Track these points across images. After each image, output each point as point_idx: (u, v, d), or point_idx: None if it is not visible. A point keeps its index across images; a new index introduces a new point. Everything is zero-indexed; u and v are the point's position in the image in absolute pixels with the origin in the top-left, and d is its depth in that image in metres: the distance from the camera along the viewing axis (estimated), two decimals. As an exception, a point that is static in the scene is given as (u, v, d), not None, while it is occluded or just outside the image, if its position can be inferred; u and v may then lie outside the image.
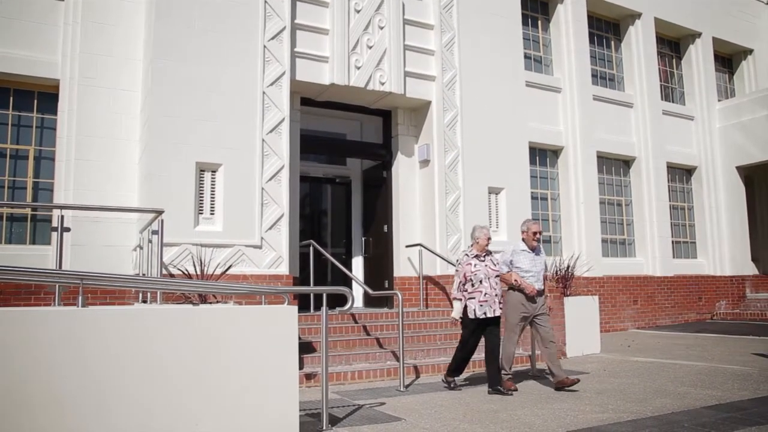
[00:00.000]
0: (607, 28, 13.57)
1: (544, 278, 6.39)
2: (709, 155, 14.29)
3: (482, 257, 6.10)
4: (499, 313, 6.00)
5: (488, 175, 9.70)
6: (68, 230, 6.13)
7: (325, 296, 4.58)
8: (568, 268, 9.15)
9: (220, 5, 7.84)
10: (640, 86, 13.27)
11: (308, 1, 8.66)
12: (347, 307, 4.85)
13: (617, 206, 13.01)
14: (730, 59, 16.03)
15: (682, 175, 14.26)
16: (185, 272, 6.85)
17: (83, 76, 8.05)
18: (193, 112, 7.52)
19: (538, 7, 12.51)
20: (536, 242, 6.31)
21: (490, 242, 6.19)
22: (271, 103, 8.00)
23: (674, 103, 14.38)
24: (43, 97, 8.19)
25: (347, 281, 9.47)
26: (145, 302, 6.51)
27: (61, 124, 8.01)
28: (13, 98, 8.05)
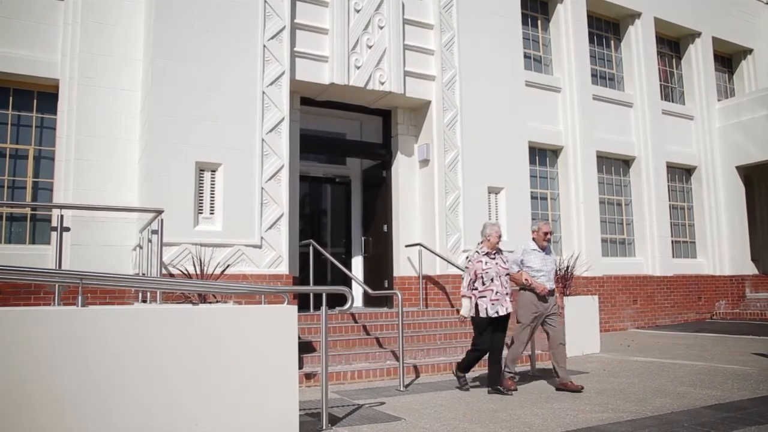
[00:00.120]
0: (606, 27, 13.58)
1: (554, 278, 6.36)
2: (708, 155, 14.30)
3: (492, 255, 6.00)
4: (511, 309, 5.95)
5: (488, 174, 9.71)
6: (68, 230, 6.13)
7: (324, 296, 4.58)
8: (567, 267, 9.15)
9: (219, 5, 7.84)
10: (639, 86, 13.27)
11: (308, 0, 8.66)
12: (347, 306, 4.85)
13: (617, 206, 13.01)
14: (729, 59, 16.03)
15: (681, 174, 14.27)
16: (185, 272, 6.85)
17: (83, 75, 8.05)
18: (192, 111, 7.52)
19: (537, 6, 12.51)
20: (546, 242, 6.24)
21: (500, 240, 6.10)
22: (270, 102, 8.00)
23: (674, 102, 14.38)
24: (42, 96, 8.19)
25: (347, 281, 9.47)
26: (144, 302, 6.51)
27: (60, 123, 8.01)
28: (12, 98, 8.05)
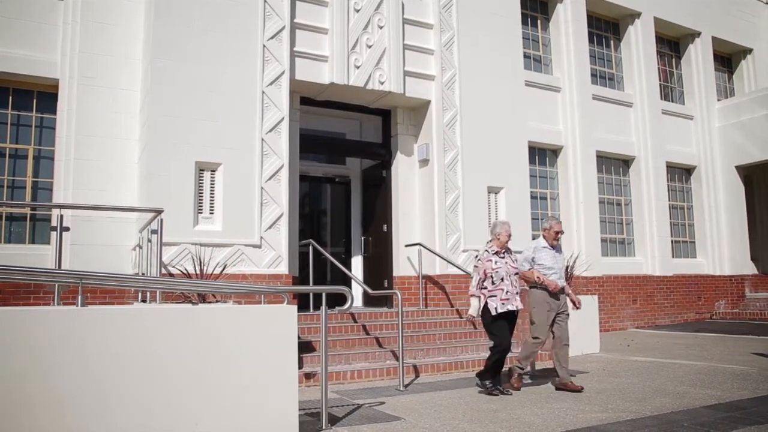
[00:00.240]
0: (606, 27, 13.58)
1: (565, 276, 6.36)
2: (708, 155, 14.30)
3: (502, 254, 5.96)
4: (521, 307, 5.95)
5: (488, 174, 9.70)
6: (67, 230, 6.13)
7: (324, 296, 4.57)
8: (567, 267, 9.14)
9: (219, 5, 7.84)
10: (639, 86, 13.27)
11: (308, 0, 8.66)
12: (347, 306, 4.84)
13: (617, 206, 13.01)
14: (729, 59, 16.03)
15: (681, 174, 14.27)
16: (185, 272, 6.86)
17: (83, 75, 8.04)
18: (192, 111, 7.51)
19: (537, 6, 12.51)
20: (556, 241, 6.23)
21: (510, 239, 6.06)
22: (270, 102, 8.00)
23: (674, 102, 14.38)
24: (42, 96, 8.19)
25: (347, 281, 9.47)
26: (144, 302, 6.51)
27: (60, 123, 8.01)
28: (12, 97, 8.05)
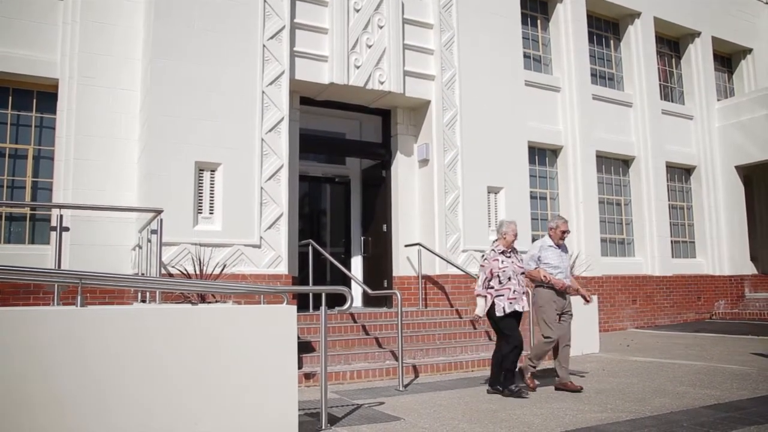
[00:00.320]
0: (606, 27, 13.57)
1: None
2: (708, 155, 14.30)
3: (508, 253, 5.96)
4: (528, 308, 5.99)
5: (487, 174, 9.70)
6: (67, 230, 6.13)
7: (324, 296, 4.57)
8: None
9: (219, 5, 7.83)
10: (639, 86, 13.27)
11: (307, 0, 8.66)
12: (346, 306, 4.85)
13: (616, 206, 13.01)
14: (729, 59, 16.03)
15: (681, 174, 14.27)
16: (184, 272, 6.85)
17: (82, 75, 8.04)
18: (192, 111, 7.51)
19: (537, 6, 12.51)
20: (562, 240, 6.22)
21: (516, 238, 6.04)
22: (270, 102, 8.00)
23: (673, 102, 14.38)
24: (42, 96, 8.18)
25: (346, 281, 9.47)
26: (144, 302, 6.51)
27: (60, 123, 8.01)
28: (12, 97, 8.04)
